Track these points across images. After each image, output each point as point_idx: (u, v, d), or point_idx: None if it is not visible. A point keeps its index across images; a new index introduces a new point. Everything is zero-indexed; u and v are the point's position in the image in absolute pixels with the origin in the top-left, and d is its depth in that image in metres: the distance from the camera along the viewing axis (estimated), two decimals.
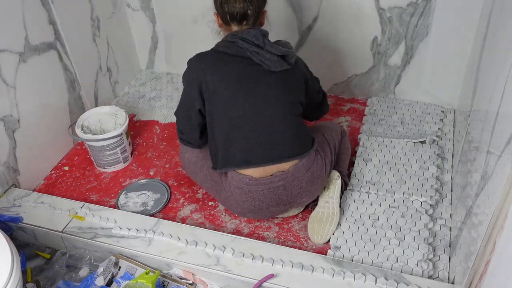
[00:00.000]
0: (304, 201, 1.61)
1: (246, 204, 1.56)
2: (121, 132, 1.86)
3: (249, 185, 1.51)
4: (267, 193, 1.53)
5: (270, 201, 1.55)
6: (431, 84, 2.11)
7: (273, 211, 1.60)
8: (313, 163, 1.54)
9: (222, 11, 1.48)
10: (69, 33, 1.93)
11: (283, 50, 1.46)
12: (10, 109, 1.71)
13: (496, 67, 1.27)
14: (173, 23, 2.32)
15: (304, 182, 1.54)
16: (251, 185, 1.51)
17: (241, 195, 1.54)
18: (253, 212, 1.59)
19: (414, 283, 1.39)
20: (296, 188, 1.54)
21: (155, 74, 2.53)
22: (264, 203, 1.55)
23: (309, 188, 1.56)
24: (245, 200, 1.55)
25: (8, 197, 1.73)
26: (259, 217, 1.66)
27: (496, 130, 1.14)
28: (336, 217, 1.60)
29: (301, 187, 1.54)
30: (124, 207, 1.77)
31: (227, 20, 1.49)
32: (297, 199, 1.58)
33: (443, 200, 1.69)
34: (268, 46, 1.44)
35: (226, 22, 1.50)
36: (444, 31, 1.94)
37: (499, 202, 1.02)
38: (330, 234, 1.58)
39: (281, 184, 1.52)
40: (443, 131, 2.00)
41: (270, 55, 1.44)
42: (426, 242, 1.53)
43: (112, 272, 1.52)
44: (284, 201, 1.56)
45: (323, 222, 1.59)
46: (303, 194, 1.57)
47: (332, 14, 2.05)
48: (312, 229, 1.60)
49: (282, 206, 1.58)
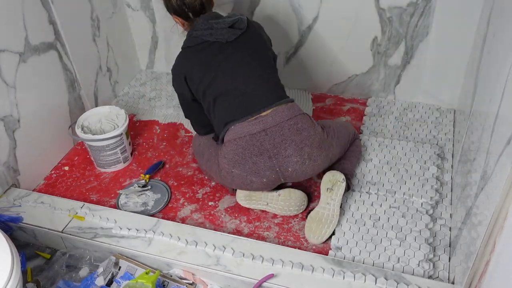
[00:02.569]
0: (290, 156, 1.55)
1: (230, 154, 1.57)
2: (121, 132, 1.86)
3: (233, 132, 1.57)
4: (249, 139, 1.55)
5: (253, 148, 1.55)
6: (431, 84, 2.11)
7: (258, 164, 1.56)
8: (297, 115, 1.57)
9: (181, 11, 1.66)
10: (69, 33, 1.93)
11: (229, 21, 1.61)
12: (10, 109, 1.71)
13: (496, 67, 1.27)
14: (173, 23, 2.31)
15: (286, 129, 1.55)
16: (235, 133, 1.57)
17: (227, 147, 1.58)
18: (237, 163, 1.57)
19: (414, 283, 1.39)
20: (278, 135, 1.54)
21: (155, 74, 2.53)
22: (246, 150, 1.55)
23: (293, 137, 1.54)
24: (230, 150, 1.58)
25: (8, 197, 1.73)
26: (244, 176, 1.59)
27: (496, 130, 1.14)
28: (335, 220, 1.60)
29: (283, 133, 1.54)
30: (124, 207, 1.77)
31: (189, 17, 1.66)
32: (281, 150, 1.54)
33: (443, 200, 1.69)
34: (215, 24, 1.60)
35: (187, 18, 1.67)
36: (444, 31, 1.94)
37: (499, 202, 1.02)
38: (327, 235, 1.57)
39: (261, 129, 1.54)
40: (443, 131, 2.00)
41: (220, 30, 1.60)
42: (427, 242, 1.54)
43: (112, 272, 1.52)
44: (267, 149, 1.54)
45: (321, 223, 1.59)
46: (287, 144, 1.54)
47: (332, 14, 2.05)
48: (309, 228, 1.59)
49: (267, 158, 1.55)
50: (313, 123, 1.61)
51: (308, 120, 1.60)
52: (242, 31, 1.63)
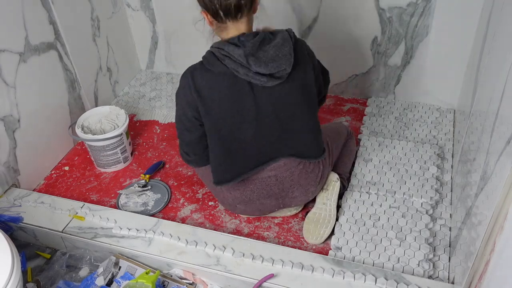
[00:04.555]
0: (296, 197, 1.59)
1: (237, 193, 1.56)
2: (121, 132, 1.86)
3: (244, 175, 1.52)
4: (259, 183, 1.53)
5: (261, 192, 1.54)
6: (431, 84, 2.11)
7: (264, 205, 1.59)
8: None
9: (211, 6, 1.30)
10: (69, 33, 1.93)
11: (271, 67, 1.32)
12: (10, 109, 1.71)
13: (496, 67, 1.27)
14: (173, 23, 2.32)
15: (296, 175, 1.53)
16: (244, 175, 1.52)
17: (234, 187, 1.55)
18: (244, 203, 1.58)
19: (414, 283, 1.39)
20: (287, 180, 1.53)
21: (155, 74, 2.53)
22: (255, 193, 1.54)
23: (301, 182, 1.54)
24: (236, 189, 1.55)
25: (8, 197, 1.73)
26: (249, 211, 1.63)
27: (496, 130, 1.14)
28: (332, 220, 1.60)
29: (292, 179, 1.53)
30: (124, 207, 1.77)
31: (219, 16, 1.32)
32: (288, 193, 1.56)
33: (443, 200, 1.69)
34: (254, 67, 1.31)
35: (217, 17, 1.33)
36: (444, 31, 1.94)
37: (499, 202, 1.02)
38: (326, 236, 1.57)
39: (273, 174, 1.51)
40: (443, 131, 2.00)
41: (258, 75, 1.33)
42: (427, 242, 1.54)
43: (112, 272, 1.52)
44: (275, 193, 1.55)
45: (319, 224, 1.59)
46: (294, 188, 1.55)
47: (332, 14, 2.05)
48: (307, 229, 1.59)
49: (274, 199, 1.57)
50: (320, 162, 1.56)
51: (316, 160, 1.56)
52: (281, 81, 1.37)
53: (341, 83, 2.25)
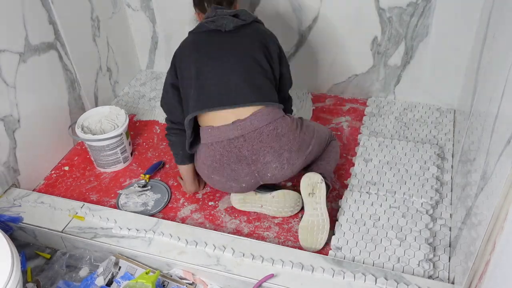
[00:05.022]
0: (269, 163, 1.54)
1: (209, 160, 1.56)
2: (121, 132, 1.86)
3: (211, 135, 1.53)
4: (227, 144, 1.51)
5: (230, 155, 1.52)
6: (431, 84, 2.11)
7: (237, 171, 1.55)
8: (276, 119, 1.52)
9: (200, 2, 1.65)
10: (69, 33, 1.93)
11: (235, 11, 1.58)
12: (10, 109, 1.71)
13: (496, 67, 1.27)
14: (173, 23, 2.32)
15: (265, 135, 1.50)
16: (212, 136, 1.53)
17: (205, 152, 1.56)
18: (216, 171, 1.57)
19: (414, 283, 1.39)
20: (256, 141, 1.50)
21: (155, 74, 2.53)
22: (224, 157, 1.53)
23: (272, 144, 1.51)
24: (208, 156, 1.56)
25: (8, 197, 1.73)
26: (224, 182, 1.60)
27: (496, 130, 1.14)
28: (326, 224, 1.57)
29: (261, 140, 1.50)
30: (124, 207, 1.77)
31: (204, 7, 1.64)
32: (259, 157, 1.52)
33: (443, 200, 1.69)
34: (219, 12, 1.57)
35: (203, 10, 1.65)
36: (444, 31, 1.94)
37: (499, 202, 1.02)
38: (323, 241, 1.56)
39: (239, 134, 1.50)
40: (443, 131, 2.00)
41: (222, 17, 1.55)
42: (427, 242, 1.53)
43: (112, 272, 1.52)
44: (245, 157, 1.52)
45: (314, 231, 1.57)
46: (265, 151, 1.52)
47: (332, 14, 2.05)
48: (304, 240, 1.57)
49: (246, 165, 1.54)
50: (293, 126, 1.56)
51: (288, 123, 1.55)
52: (244, 22, 1.57)
53: (341, 83, 2.25)
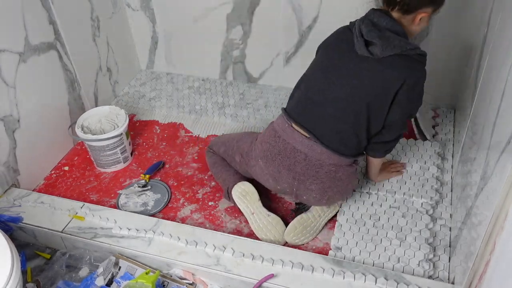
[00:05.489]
0: (312, 190, 1.52)
1: (267, 146, 1.54)
2: (121, 132, 1.86)
3: (284, 131, 1.51)
4: (290, 149, 1.49)
5: (285, 160, 1.50)
6: (431, 84, 2.09)
7: (281, 174, 1.53)
8: (342, 164, 1.49)
9: None
10: (69, 33, 1.93)
11: (373, 35, 1.37)
12: (10, 109, 1.71)
13: (496, 67, 1.27)
14: (173, 23, 2.32)
15: (323, 171, 1.48)
16: (285, 132, 1.50)
17: (270, 137, 1.54)
18: (265, 159, 1.55)
19: (414, 283, 1.39)
20: (313, 170, 1.49)
21: (155, 74, 2.53)
22: (280, 156, 1.51)
23: (325, 180, 1.50)
24: (269, 142, 1.54)
25: (8, 197, 1.73)
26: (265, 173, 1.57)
27: (496, 130, 1.14)
28: (316, 233, 1.61)
29: (318, 172, 1.49)
30: (124, 207, 1.77)
31: None
32: (307, 181, 1.51)
33: (443, 200, 1.69)
34: (363, 26, 1.40)
35: None
36: (444, 31, 1.93)
37: (499, 202, 1.02)
38: (302, 243, 1.58)
39: (304, 151, 1.48)
40: (443, 131, 2.00)
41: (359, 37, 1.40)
42: (427, 242, 1.53)
43: (112, 272, 1.52)
44: (296, 172, 1.50)
45: (305, 230, 1.59)
46: (314, 182, 1.50)
47: (332, 14, 2.04)
48: (293, 227, 1.58)
49: (291, 177, 1.52)
50: (352, 175, 1.55)
51: (350, 172, 1.52)
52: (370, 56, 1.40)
53: None
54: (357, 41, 1.41)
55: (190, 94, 2.36)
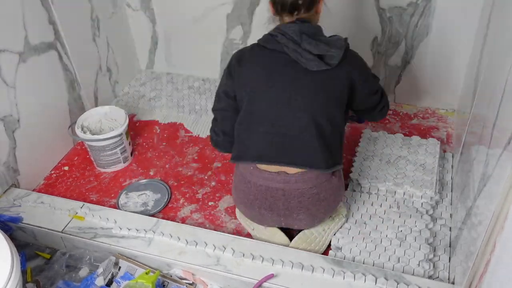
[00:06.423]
0: (301, 220, 1.48)
1: (241, 194, 1.50)
2: (121, 132, 1.86)
3: (252, 174, 1.44)
4: (264, 190, 1.43)
5: (264, 202, 1.45)
6: (431, 84, 2.11)
7: (264, 216, 1.49)
8: (323, 181, 1.43)
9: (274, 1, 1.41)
10: (69, 33, 1.93)
11: (322, 49, 1.35)
12: (10, 109, 1.71)
13: (496, 67, 1.27)
14: (173, 23, 2.32)
15: (306, 198, 1.43)
16: (253, 175, 1.44)
17: (240, 183, 1.48)
18: (244, 205, 1.51)
19: (414, 283, 1.39)
20: (295, 201, 1.43)
21: (155, 74, 2.53)
22: (257, 200, 1.45)
23: (310, 206, 1.44)
24: (242, 189, 1.48)
25: (8, 197, 1.73)
26: (248, 215, 1.55)
27: (496, 130, 1.14)
28: (321, 250, 1.55)
29: (301, 201, 1.43)
30: (124, 207, 1.77)
31: (278, 10, 1.40)
32: (293, 214, 1.46)
33: (443, 200, 1.69)
34: (305, 43, 1.35)
35: (277, 12, 1.41)
36: (444, 31, 1.94)
37: (499, 202, 1.02)
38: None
39: (280, 187, 1.42)
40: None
41: (306, 53, 1.35)
42: (427, 242, 1.53)
43: (112, 272, 1.52)
44: (279, 209, 1.45)
45: (309, 246, 1.54)
46: (301, 211, 1.45)
47: (332, 14, 2.04)
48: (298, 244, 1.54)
49: (276, 215, 1.47)
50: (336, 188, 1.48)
51: (333, 186, 1.46)
52: (328, 67, 1.36)
53: None
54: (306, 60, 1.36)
55: (190, 94, 2.36)
